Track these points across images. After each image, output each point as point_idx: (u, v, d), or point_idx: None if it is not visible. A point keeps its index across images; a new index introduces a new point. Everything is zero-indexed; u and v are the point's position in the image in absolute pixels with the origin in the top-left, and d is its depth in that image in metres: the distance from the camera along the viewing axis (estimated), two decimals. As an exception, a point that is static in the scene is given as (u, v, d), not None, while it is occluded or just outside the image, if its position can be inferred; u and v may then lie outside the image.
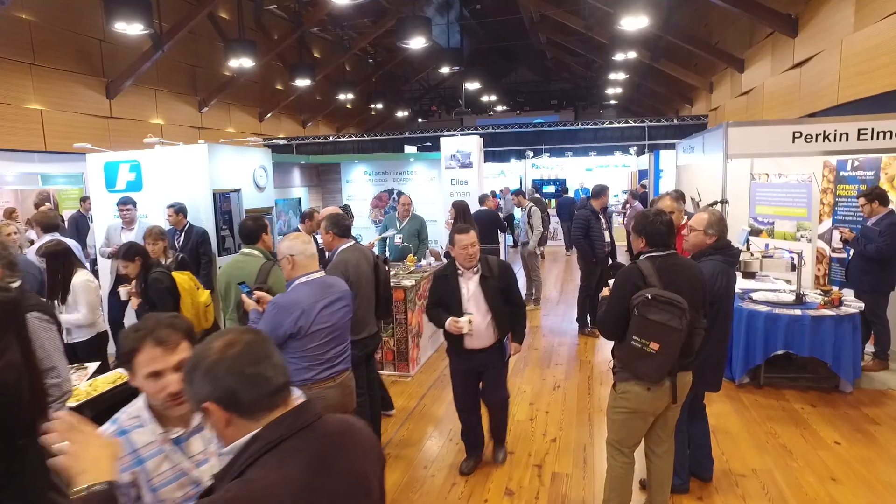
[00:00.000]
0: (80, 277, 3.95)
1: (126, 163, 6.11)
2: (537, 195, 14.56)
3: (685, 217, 4.09)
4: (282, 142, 15.76)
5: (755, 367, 5.00)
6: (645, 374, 2.81)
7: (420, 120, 25.62)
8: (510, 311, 3.68)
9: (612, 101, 24.39)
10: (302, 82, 14.53)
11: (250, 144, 6.88)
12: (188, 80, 14.18)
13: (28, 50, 10.59)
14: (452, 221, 6.24)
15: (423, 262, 6.57)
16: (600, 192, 6.71)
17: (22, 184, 10.82)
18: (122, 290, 4.16)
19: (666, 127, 15.13)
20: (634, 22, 9.34)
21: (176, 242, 5.76)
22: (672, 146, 13.08)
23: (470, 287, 3.58)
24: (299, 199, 9.26)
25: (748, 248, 6.10)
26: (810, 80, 8.46)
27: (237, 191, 6.35)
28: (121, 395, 3.42)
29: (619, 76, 16.89)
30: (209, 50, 14.17)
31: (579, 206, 6.48)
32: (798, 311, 4.77)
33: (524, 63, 24.85)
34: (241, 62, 11.96)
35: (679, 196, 4.18)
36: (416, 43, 12.32)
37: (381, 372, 5.66)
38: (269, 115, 16.93)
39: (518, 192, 8.40)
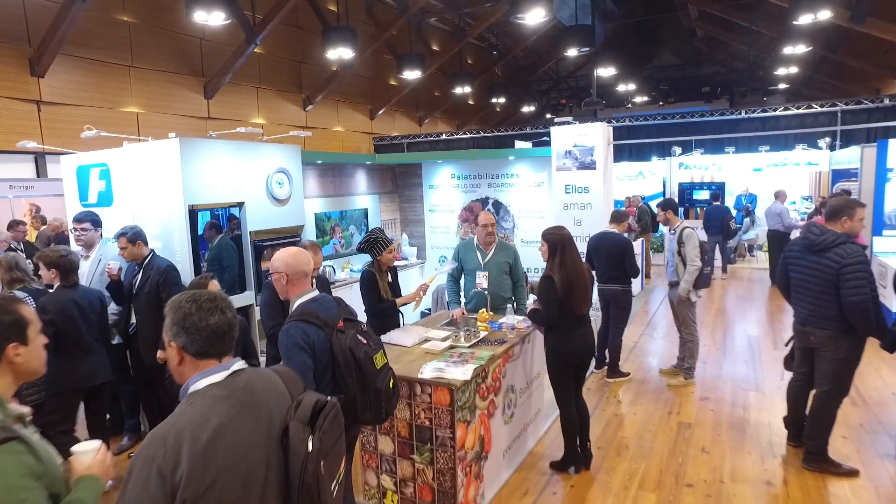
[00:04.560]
0: None
1: (96, 167, 4.24)
2: (644, 205, 10.87)
3: None
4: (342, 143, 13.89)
5: None
6: None
7: (548, 115, 22.57)
8: None
9: (782, 86, 19.37)
10: (410, 74, 12.51)
11: (263, 139, 4.72)
12: (292, 77, 12.79)
13: (126, 52, 9.73)
14: (546, 262, 3.53)
15: (504, 320, 3.89)
16: (843, 209, 3.52)
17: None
18: None
19: (870, 111, 10.81)
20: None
21: (133, 282, 3.76)
22: (882, 132, 8.98)
23: None
24: (365, 210, 6.95)
25: None
26: None
27: (239, 205, 4.22)
28: None
29: (798, 49, 12.44)
30: (315, 45, 12.64)
31: (815, 250, 3.42)
32: None
33: (668, 46, 20.71)
34: (339, 52, 10.23)
35: None
36: (534, 17, 9.73)
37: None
38: (380, 111, 15.18)
39: (666, 205, 5.34)
